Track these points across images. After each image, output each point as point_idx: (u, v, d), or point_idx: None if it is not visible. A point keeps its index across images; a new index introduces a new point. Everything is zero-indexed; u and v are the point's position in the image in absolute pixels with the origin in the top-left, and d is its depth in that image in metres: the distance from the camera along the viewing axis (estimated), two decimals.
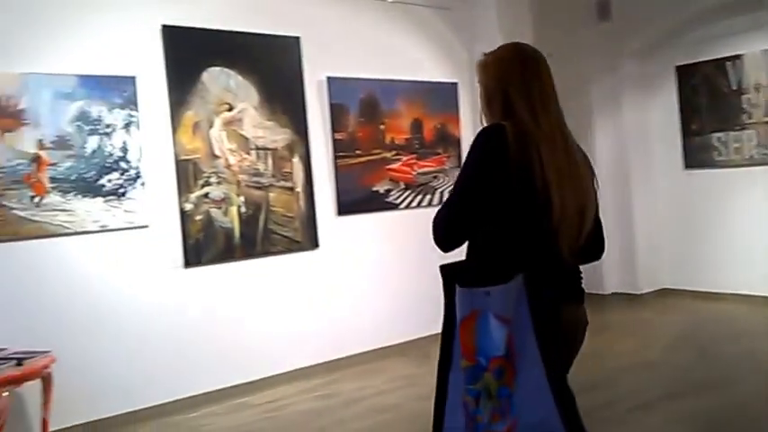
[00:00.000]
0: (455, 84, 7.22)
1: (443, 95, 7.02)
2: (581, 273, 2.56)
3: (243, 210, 5.77)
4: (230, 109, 5.72)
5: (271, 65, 5.97)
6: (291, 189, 6.04)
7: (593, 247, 2.59)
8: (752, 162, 7.83)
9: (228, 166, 5.70)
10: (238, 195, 5.74)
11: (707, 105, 8.19)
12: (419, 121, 6.88)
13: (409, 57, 6.94)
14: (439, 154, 7.07)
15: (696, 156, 8.33)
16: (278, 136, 5.96)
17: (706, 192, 8.23)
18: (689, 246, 8.39)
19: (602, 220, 2.64)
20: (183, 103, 5.51)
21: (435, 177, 7.03)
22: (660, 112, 8.59)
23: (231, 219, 5.71)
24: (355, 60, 6.52)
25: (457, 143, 7.17)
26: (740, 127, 7.92)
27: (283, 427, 5.07)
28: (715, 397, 4.81)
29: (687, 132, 8.38)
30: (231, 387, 5.70)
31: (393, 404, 5.30)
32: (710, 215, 8.20)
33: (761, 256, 7.73)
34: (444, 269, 2.31)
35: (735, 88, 7.93)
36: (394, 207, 6.71)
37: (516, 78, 2.48)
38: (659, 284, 8.57)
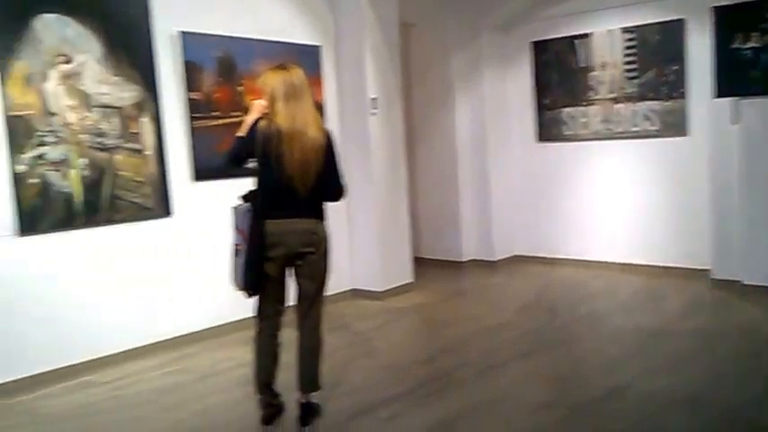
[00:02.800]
0: (318, 47, 6.37)
1: (306, 58, 6.11)
2: (318, 204, 3.65)
3: (85, 173, 4.72)
4: (68, 61, 4.63)
5: (115, 14, 4.90)
6: (140, 151, 5.02)
7: (329, 189, 3.67)
8: (597, 136, 7.62)
9: (67, 125, 4.62)
10: (79, 157, 4.69)
11: (558, 81, 7.86)
12: None
13: (271, 17, 6.01)
14: None
15: (548, 129, 8.00)
16: (125, 93, 4.91)
17: (556, 164, 7.96)
18: (540, 215, 8.12)
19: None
20: (10, 52, 4.39)
21: None
22: (516, 86, 8.15)
23: (71, 183, 4.65)
24: (213, 16, 5.52)
25: (319, 107, 6.32)
26: (587, 103, 7.64)
27: (132, 405, 4.25)
28: (559, 354, 4.86)
29: (540, 106, 8.02)
30: (73, 365, 4.73)
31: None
32: (560, 186, 7.96)
33: (604, 224, 7.64)
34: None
35: (583, 65, 7.63)
36: (243, 171, 5.74)
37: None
38: (512, 252, 8.25)
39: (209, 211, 5.45)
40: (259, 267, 3.54)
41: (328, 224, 3.73)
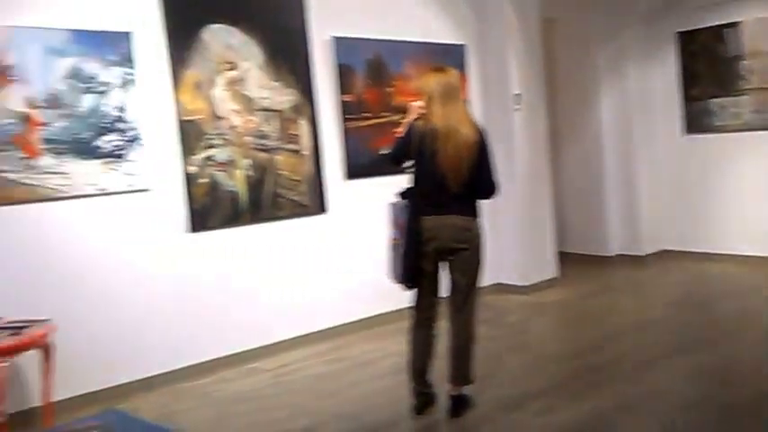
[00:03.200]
0: (463, 46, 6.39)
1: (451, 58, 6.16)
2: (471, 201, 3.69)
3: (249, 173, 4.97)
4: (233, 68, 4.90)
5: (275, 23, 5.12)
6: (298, 152, 5.22)
7: (481, 187, 3.69)
8: (748, 127, 7.22)
9: (232, 128, 4.89)
10: (244, 158, 4.95)
11: (706, 71, 7.47)
12: None
13: (417, 18, 6.07)
14: None
15: (695, 121, 7.63)
16: (284, 97, 5.13)
17: (705, 156, 7.59)
18: (689, 208, 7.76)
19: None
20: (182, 62, 4.69)
21: None
22: (661, 78, 7.81)
23: (237, 182, 4.91)
24: (362, 20, 5.66)
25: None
26: (738, 93, 7.25)
27: (296, 390, 4.43)
28: (713, 352, 4.59)
29: (687, 98, 7.66)
30: (241, 353, 4.98)
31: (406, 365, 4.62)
32: (708, 179, 7.58)
33: (755, 217, 7.23)
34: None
35: (732, 54, 7.23)
36: (402, 171, 5.84)
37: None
38: (660, 246, 7.90)
39: (361, 208, 5.60)
40: (415, 261, 3.63)
41: (482, 221, 3.76)
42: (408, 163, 3.73)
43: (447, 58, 6.12)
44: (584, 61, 7.89)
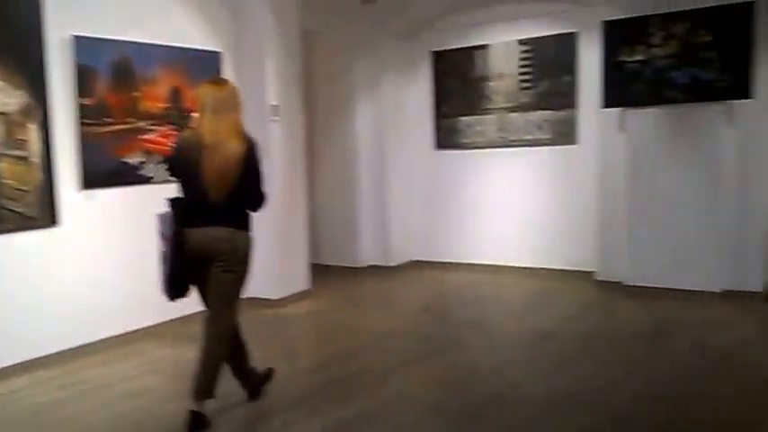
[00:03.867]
0: (219, 53, 6.04)
1: (206, 64, 5.82)
2: (237, 212, 3.66)
3: None
4: None
5: (4, 17, 4.46)
6: (26, 159, 4.56)
7: (248, 198, 3.69)
8: (493, 145, 7.68)
9: None
10: None
11: (456, 90, 7.86)
12: (178, 89, 5.60)
13: (170, 20, 5.64)
14: None
15: (446, 137, 8.01)
16: (10, 99, 4.46)
17: (453, 171, 7.97)
18: (437, 221, 8.12)
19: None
20: None
21: None
22: (416, 95, 8.10)
23: None
24: (108, 19, 5.12)
25: None
26: (483, 112, 7.68)
27: (14, 422, 3.87)
28: (452, 358, 4.79)
29: (439, 115, 8.00)
30: None
31: (146, 388, 4.29)
32: (457, 193, 7.97)
33: (498, 229, 7.71)
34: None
35: (480, 75, 7.67)
36: (146, 180, 5.41)
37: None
38: (410, 257, 8.19)
39: (100, 220, 5.08)
40: (180, 273, 3.60)
41: (250, 233, 3.74)
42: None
43: (201, 64, 5.79)
44: (342, 75, 7.91)
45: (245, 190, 3.63)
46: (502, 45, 7.48)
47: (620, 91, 6.29)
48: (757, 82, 5.75)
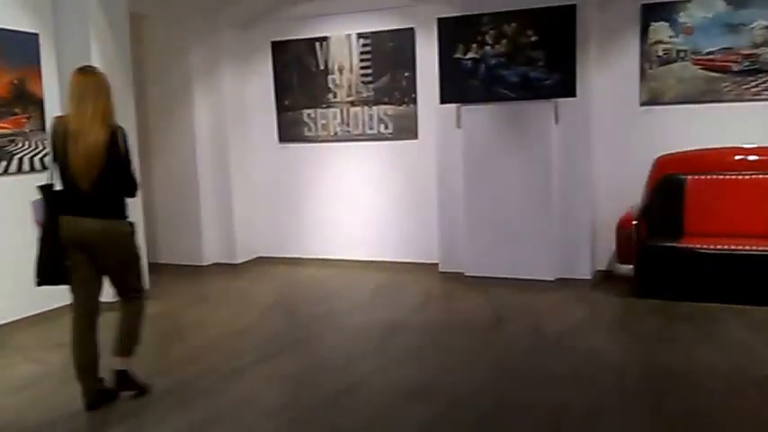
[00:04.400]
0: (35, 34, 5.46)
1: (21, 47, 5.25)
2: (109, 200, 3.66)
3: None
4: None
5: None
6: None
7: (117, 185, 3.68)
8: (336, 138, 7.56)
9: None
10: None
11: (298, 82, 7.64)
12: None
13: None
14: (16, 114, 5.30)
15: (289, 130, 7.76)
16: None
17: (298, 165, 7.76)
18: (282, 216, 7.86)
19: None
20: None
21: (12, 141, 5.26)
22: (258, 86, 7.78)
23: None
24: None
25: (39, 103, 5.47)
26: (326, 105, 7.54)
27: None
28: (298, 355, 4.70)
29: (281, 107, 7.75)
30: None
31: None
32: (302, 187, 7.78)
33: (345, 223, 7.59)
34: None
35: (322, 68, 7.50)
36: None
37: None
38: (255, 253, 7.90)
39: None
40: (50, 259, 3.65)
41: (125, 219, 3.75)
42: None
43: (14, 45, 5.22)
44: (177, 63, 7.43)
45: (113, 177, 3.64)
46: (342, 38, 7.34)
47: (456, 87, 6.37)
48: (580, 81, 6.00)
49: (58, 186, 3.64)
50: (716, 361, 4.20)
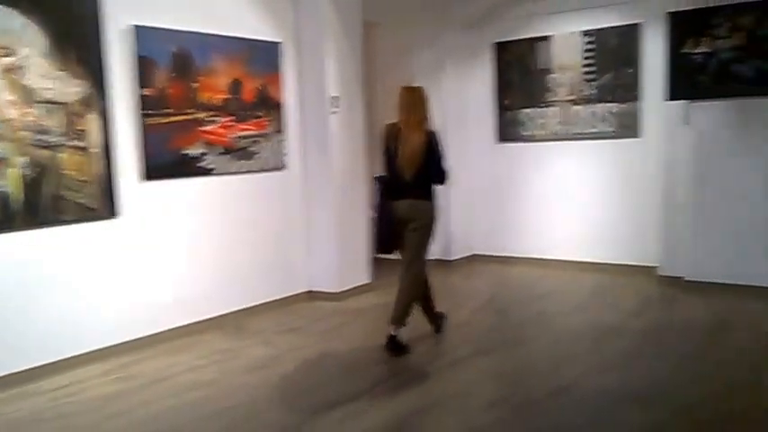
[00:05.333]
0: (278, 43, 5.96)
1: (266, 55, 5.76)
2: (424, 186, 4.67)
3: (26, 172, 4.26)
4: (8, 54, 4.16)
5: (63, 5, 4.43)
6: (86, 149, 4.54)
7: (432, 175, 4.67)
8: (555, 137, 7.39)
9: (6, 121, 4.16)
10: (21, 155, 4.23)
11: (518, 82, 7.59)
12: (239, 80, 5.54)
13: (230, 11, 5.58)
14: (260, 117, 5.79)
15: (507, 130, 7.74)
16: (70, 88, 4.45)
17: (515, 164, 7.70)
18: (499, 214, 7.84)
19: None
20: None
21: (255, 142, 5.77)
22: (478, 86, 7.82)
23: (10, 182, 4.19)
24: (167, 9, 5.07)
25: (278, 107, 5.95)
26: (546, 104, 7.40)
27: (75, 413, 3.85)
28: (513, 353, 4.73)
29: (501, 107, 7.74)
30: (16, 373, 4.26)
31: (208, 380, 4.28)
32: (518, 186, 7.71)
33: (560, 223, 7.43)
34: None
35: (543, 67, 7.38)
36: (207, 172, 5.37)
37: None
38: (470, 251, 7.94)
39: (160, 211, 5.06)
40: (386, 234, 4.69)
41: (433, 202, 4.72)
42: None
43: (261, 54, 5.74)
44: (403, 67, 7.63)
45: (429, 169, 4.62)
46: (565, 36, 7.18)
47: (684, 83, 5.96)
48: None
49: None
50: None
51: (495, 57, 7.70)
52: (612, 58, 6.88)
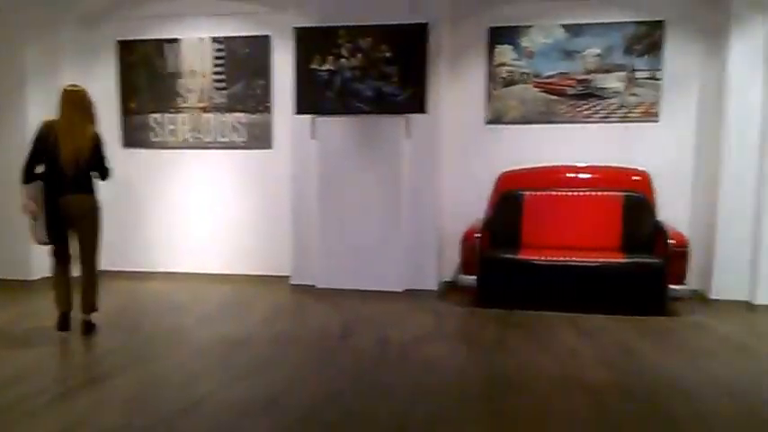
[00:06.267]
0: None
1: None
2: (86, 182, 4.97)
3: None
4: None
5: None
6: None
7: (100, 174, 5.07)
8: (187, 145, 7.25)
9: None
10: None
11: (146, 85, 7.26)
12: None
13: None
14: None
15: (135, 135, 7.35)
16: None
17: (143, 172, 7.33)
18: (126, 227, 7.34)
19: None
20: None
21: None
22: (101, 87, 7.07)
23: None
24: None
25: None
26: (176, 110, 7.23)
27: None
28: (138, 374, 4.35)
29: (126, 110, 7.33)
30: None
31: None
32: (148, 196, 7.37)
33: (193, 235, 7.31)
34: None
35: (172, 71, 7.18)
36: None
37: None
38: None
39: None
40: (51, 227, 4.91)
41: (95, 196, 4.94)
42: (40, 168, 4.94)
43: None
44: (8, 60, 6.72)
45: (96, 168, 4.99)
46: (194, 41, 7.06)
47: (311, 98, 6.30)
48: (430, 98, 6.15)
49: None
50: (548, 366, 4.39)
51: (120, 56, 7.23)
52: (243, 67, 6.97)
